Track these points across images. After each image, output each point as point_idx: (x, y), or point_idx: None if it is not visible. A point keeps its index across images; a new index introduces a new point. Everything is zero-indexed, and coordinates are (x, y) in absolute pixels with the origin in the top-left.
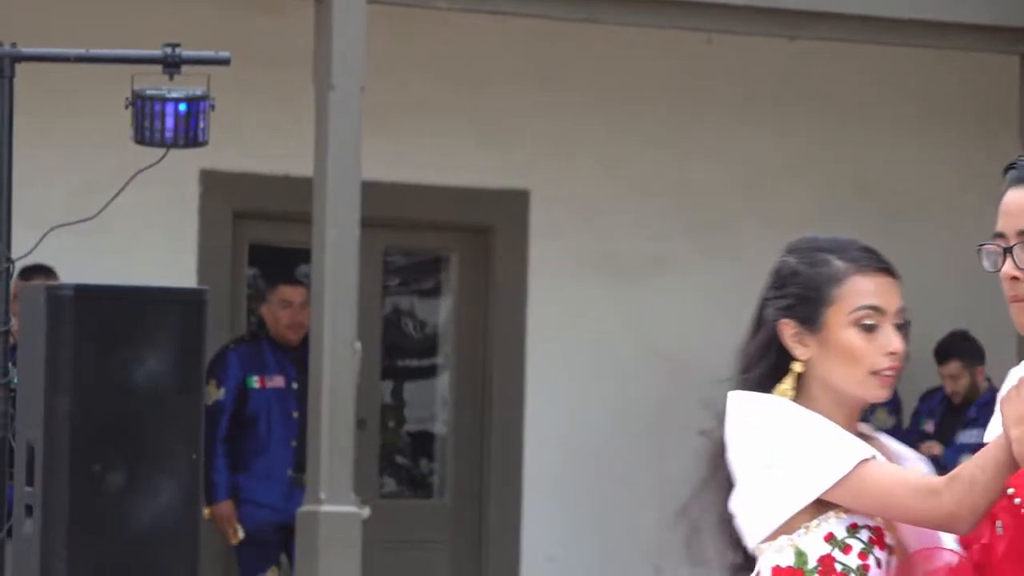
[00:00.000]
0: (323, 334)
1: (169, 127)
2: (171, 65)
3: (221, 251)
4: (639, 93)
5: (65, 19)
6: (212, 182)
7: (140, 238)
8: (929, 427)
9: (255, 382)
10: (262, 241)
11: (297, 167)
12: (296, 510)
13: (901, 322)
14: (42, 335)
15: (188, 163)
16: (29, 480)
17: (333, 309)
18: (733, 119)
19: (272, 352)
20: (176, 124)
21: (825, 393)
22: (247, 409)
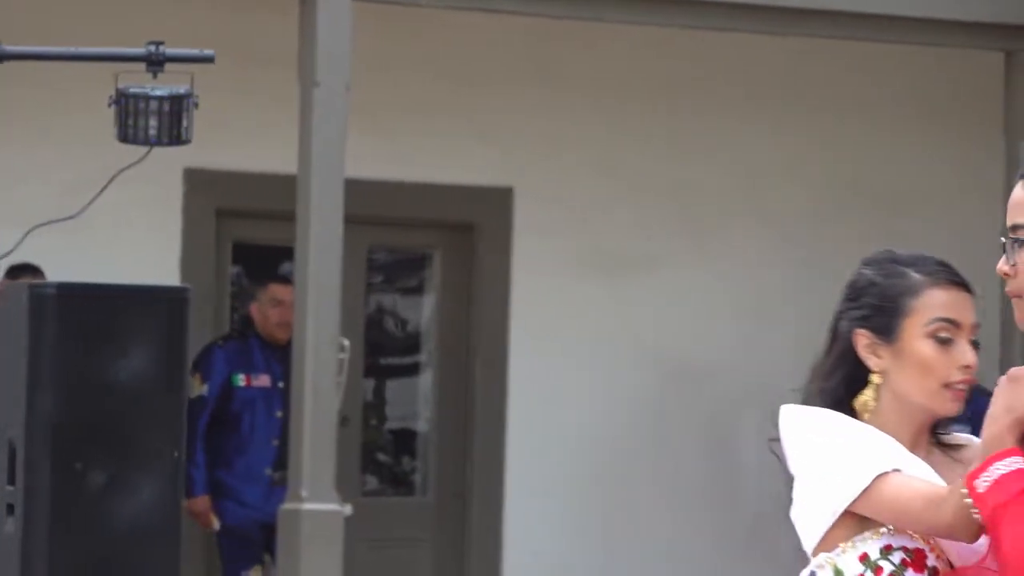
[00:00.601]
0: (306, 332)
1: (153, 125)
2: (155, 63)
3: (205, 249)
4: (635, 91)
5: (51, 18)
6: (196, 180)
7: (124, 236)
8: None
9: (241, 380)
10: (246, 239)
11: (281, 165)
12: (277, 509)
13: (975, 338)
14: (24, 333)
15: (172, 161)
16: (10, 479)
17: (316, 307)
18: (730, 118)
19: (260, 351)
20: (160, 122)
21: (895, 405)
22: (231, 407)
